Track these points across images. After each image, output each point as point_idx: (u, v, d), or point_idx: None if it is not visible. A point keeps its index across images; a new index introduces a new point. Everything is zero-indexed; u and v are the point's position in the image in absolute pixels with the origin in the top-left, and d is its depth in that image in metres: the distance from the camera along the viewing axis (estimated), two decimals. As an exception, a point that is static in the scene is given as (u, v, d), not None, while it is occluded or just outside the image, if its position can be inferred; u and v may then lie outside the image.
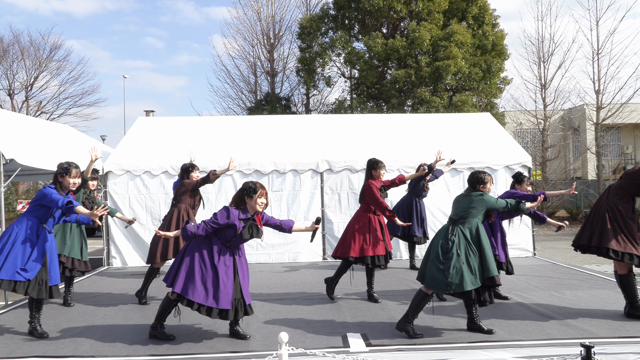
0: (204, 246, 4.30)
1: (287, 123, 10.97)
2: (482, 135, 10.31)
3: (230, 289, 4.26)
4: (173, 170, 8.90)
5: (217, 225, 4.24)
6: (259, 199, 4.30)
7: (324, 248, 9.22)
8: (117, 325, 5.01)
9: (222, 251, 4.30)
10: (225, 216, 4.25)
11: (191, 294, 4.18)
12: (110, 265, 8.89)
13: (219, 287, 4.21)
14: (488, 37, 18.75)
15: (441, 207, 9.15)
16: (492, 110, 18.49)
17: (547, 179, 20.24)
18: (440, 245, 4.44)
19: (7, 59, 26.90)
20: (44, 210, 4.56)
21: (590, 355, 3.25)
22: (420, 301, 4.49)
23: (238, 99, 24.38)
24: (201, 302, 4.19)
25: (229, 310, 4.26)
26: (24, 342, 4.46)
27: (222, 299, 4.21)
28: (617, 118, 20.08)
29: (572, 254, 11.57)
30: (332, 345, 4.20)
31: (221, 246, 4.31)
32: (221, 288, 4.21)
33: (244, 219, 4.30)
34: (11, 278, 4.38)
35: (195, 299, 4.18)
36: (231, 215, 4.26)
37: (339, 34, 19.83)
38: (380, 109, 20.11)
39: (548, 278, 7.13)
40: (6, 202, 20.59)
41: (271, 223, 4.60)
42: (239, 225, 4.26)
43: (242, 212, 4.32)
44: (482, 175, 4.66)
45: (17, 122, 9.13)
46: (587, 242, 4.98)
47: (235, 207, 4.34)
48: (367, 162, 6.03)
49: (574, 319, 4.91)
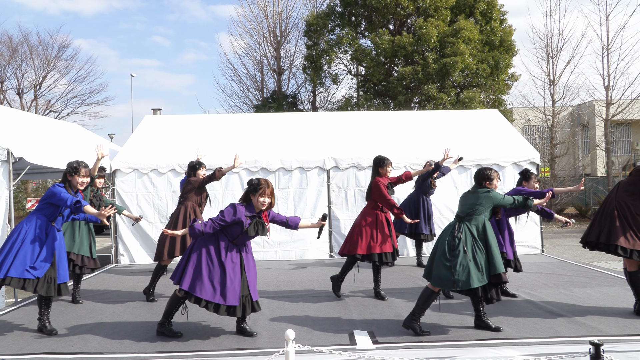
0: (211, 243, 4.31)
1: (294, 120, 10.97)
2: (489, 132, 10.24)
3: (238, 286, 4.27)
4: (180, 168, 8.93)
5: (224, 222, 4.25)
6: (261, 198, 4.29)
7: (330, 245, 9.21)
8: (125, 322, 5.04)
9: (229, 248, 4.31)
10: (232, 213, 4.25)
11: (199, 291, 4.20)
12: (118, 263, 8.95)
13: (227, 284, 4.22)
14: (496, 33, 18.60)
15: (448, 204, 9.11)
16: (500, 107, 18.36)
17: (556, 176, 20.09)
18: (447, 243, 4.43)
19: (16, 58, 27.16)
20: (53, 208, 4.60)
21: (600, 353, 3.22)
22: (427, 299, 4.48)
23: (245, 96, 24.45)
24: (209, 299, 4.20)
25: (237, 306, 4.27)
26: (33, 339, 4.50)
27: (229, 296, 4.22)
28: (627, 114, 19.89)
29: (581, 252, 11.49)
30: (338, 343, 4.20)
31: (228, 243, 4.31)
32: (228, 285, 4.22)
33: (250, 215, 4.31)
34: (20, 276, 4.41)
35: (203, 296, 4.19)
36: (238, 212, 4.26)
37: (345, 31, 19.76)
38: (387, 106, 20.04)
39: (556, 275, 7.08)
40: (15, 200, 20.76)
41: (277, 220, 4.60)
42: (246, 221, 4.27)
43: (248, 209, 4.32)
44: (488, 172, 4.63)
45: (26, 121, 9.21)
46: (595, 239, 4.94)
47: (241, 204, 4.35)
48: (373, 160, 6.01)
49: (582, 317, 4.87)
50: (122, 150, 9.53)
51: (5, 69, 27.04)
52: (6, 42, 27.11)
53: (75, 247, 5.75)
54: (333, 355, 3.69)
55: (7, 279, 4.41)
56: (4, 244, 4.58)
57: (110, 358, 4.00)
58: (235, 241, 4.32)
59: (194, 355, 4.03)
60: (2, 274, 4.40)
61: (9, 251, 4.46)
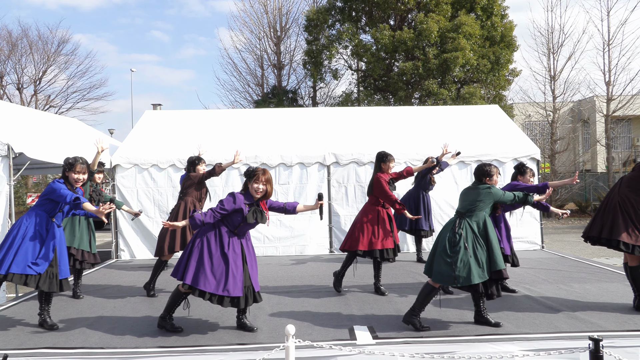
0: (212, 236, 4.32)
1: (294, 116, 10.96)
2: (490, 127, 10.23)
3: (240, 277, 4.28)
4: (180, 163, 8.93)
5: (225, 211, 4.26)
6: (255, 184, 4.29)
7: (330, 241, 9.22)
8: (126, 317, 5.05)
9: (231, 239, 4.32)
10: (232, 201, 4.27)
11: (202, 284, 4.21)
12: (118, 258, 8.96)
13: (229, 275, 4.22)
14: (497, 29, 18.55)
15: (448, 200, 9.12)
16: (501, 103, 18.34)
17: (556, 172, 20.09)
18: (448, 239, 4.43)
19: (16, 53, 27.11)
20: (53, 204, 4.59)
21: (599, 348, 3.23)
22: (428, 294, 4.49)
23: (245, 92, 24.42)
24: (213, 292, 4.21)
25: (240, 297, 4.28)
26: (35, 334, 4.51)
27: (233, 287, 4.22)
28: (628, 110, 19.87)
29: (581, 247, 11.50)
30: (339, 338, 4.21)
31: (229, 234, 4.32)
32: (231, 276, 4.23)
33: (248, 203, 4.32)
34: (22, 272, 4.42)
35: (207, 289, 4.20)
36: (237, 200, 4.28)
37: (346, 26, 19.71)
38: (388, 101, 20.01)
39: (556, 271, 7.09)
40: (16, 195, 20.76)
41: (275, 206, 4.61)
42: (245, 209, 4.28)
43: (246, 198, 4.33)
44: (487, 168, 4.62)
45: (26, 116, 9.19)
46: (597, 234, 4.94)
47: (240, 193, 4.37)
48: (376, 155, 6.01)
49: (582, 312, 4.88)
50: (122, 145, 9.52)
51: (5, 64, 27.02)
52: (6, 36, 27.09)
53: (75, 242, 5.75)
54: (333, 350, 3.70)
55: (9, 275, 4.42)
56: (4, 240, 4.58)
57: (111, 353, 4.01)
58: (236, 231, 4.33)
59: (195, 350, 4.05)
60: (4, 270, 4.40)
61: (10, 247, 4.46)
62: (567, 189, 19.75)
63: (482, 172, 4.63)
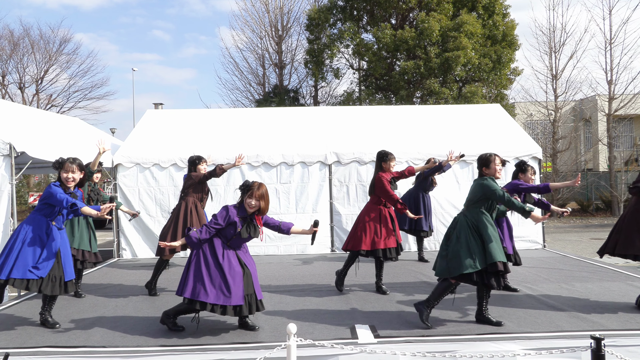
0: (207, 248, 4.35)
1: (295, 115, 10.95)
2: (491, 126, 10.22)
3: (240, 284, 4.30)
4: (182, 162, 8.94)
5: (219, 225, 4.30)
6: (248, 199, 4.32)
7: (332, 240, 9.23)
8: (128, 316, 5.06)
9: (225, 250, 4.35)
10: (224, 215, 4.31)
11: (203, 296, 4.23)
12: (120, 257, 8.97)
13: (228, 285, 4.24)
14: (498, 27, 18.53)
15: (450, 200, 9.11)
16: (502, 102, 18.31)
17: (558, 171, 20.05)
18: (445, 235, 4.58)
19: (18, 52, 27.17)
20: (51, 208, 4.59)
21: (601, 347, 3.23)
22: (444, 290, 4.49)
23: (246, 91, 24.42)
24: (214, 302, 4.23)
25: (243, 305, 4.31)
26: (36, 333, 4.52)
27: (233, 296, 4.24)
28: (630, 109, 19.83)
29: (582, 246, 11.49)
30: (340, 337, 4.21)
31: (223, 245, 4.35)
32: (230, 285, 4.25)
33: (242, 217, 4.34)
34: (23, 276, 4.42)
35: (208, 300, 4.22)
36: (230, 213, 4.32)
37: (347, 25, 19.70)
38: (389, 100, 20.00)
39: (558, 270, 7.08)
40: (18, 194, 20.82)
41: (270, 223, 4.61)
42: (239, 222, 4.30)
43: (239, 211, 4.35)
44: (485, 155, 4.57)
45: (27, 116, 9.21)
46: (611, 252, 5.02)
47: (234, 206, 4.40)
48: (377, 154, 6.00)
49: (584, 311, 4.87)
50: (124, 144, 9.53)
51: (6, 63, 27.08)
52: (7, 36, 27.14)
53: (75, 242, 5.75)
54: (335, 349, 3.70)
55: (11, 280, 4.43)
56: (5, 245, 4.59)
57: (112, 351, 4.02)
58: (229, 243, 4.35)
59: (196, 349, 4.05)
60: (4, 276, 4.41)
61: (10, 253, 4.47)
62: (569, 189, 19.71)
63: (480, 161, 4.60)
